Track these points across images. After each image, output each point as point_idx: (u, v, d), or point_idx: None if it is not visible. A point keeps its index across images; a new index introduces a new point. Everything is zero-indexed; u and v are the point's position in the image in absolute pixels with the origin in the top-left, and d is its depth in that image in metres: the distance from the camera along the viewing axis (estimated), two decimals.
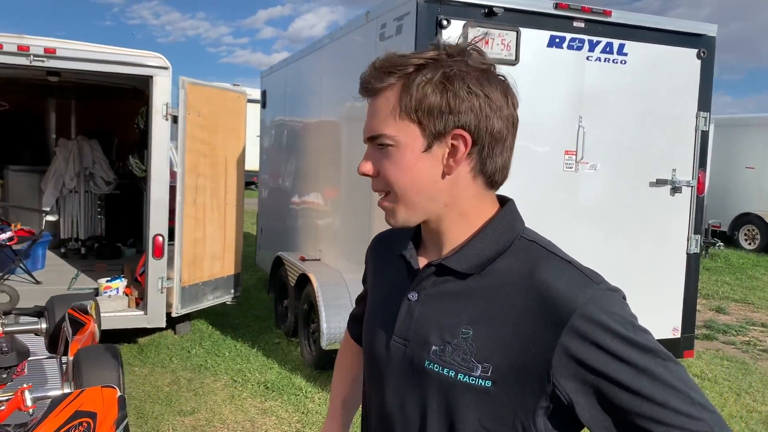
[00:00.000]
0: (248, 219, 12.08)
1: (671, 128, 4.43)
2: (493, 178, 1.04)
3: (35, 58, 4.70)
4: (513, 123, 1.03)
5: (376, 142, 1.03)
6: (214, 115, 5.54)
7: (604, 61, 4.20)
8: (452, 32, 3.79)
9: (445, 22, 3.78)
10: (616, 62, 4.23)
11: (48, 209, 7.41)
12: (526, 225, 1.08)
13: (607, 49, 4.20)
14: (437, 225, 1.06)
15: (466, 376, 0.97)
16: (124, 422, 1.89)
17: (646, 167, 4.40)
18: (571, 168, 4.23)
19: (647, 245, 4.47)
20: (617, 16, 4.19)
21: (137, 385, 4.73)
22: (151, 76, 5.09)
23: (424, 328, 1.03)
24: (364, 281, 1.35)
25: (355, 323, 1.39)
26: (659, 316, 4.56)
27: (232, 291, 6.15)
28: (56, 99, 8.24)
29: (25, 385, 2.11)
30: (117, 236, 8.10)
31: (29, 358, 2.86)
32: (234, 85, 14.24)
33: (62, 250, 7.80)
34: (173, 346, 5.63)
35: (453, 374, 0.98)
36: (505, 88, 1.02)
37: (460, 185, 1.03)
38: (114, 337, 5.60)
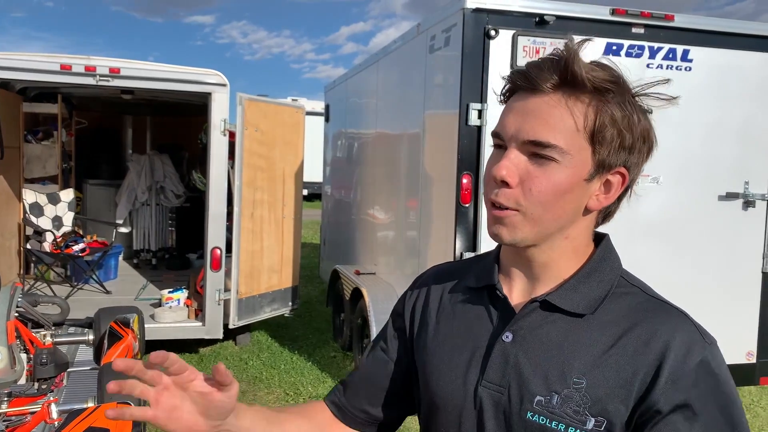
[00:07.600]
0: (315, 230, 12.22)
1: (743, 138, 4.12)
2: (609, 216, 1.00)
3: (101, 78, 4.91)
4: None
5: (535, 150, 0.89)
6: (271, 130, 5.62)
7: (667, 68, 3.96)
8: (500, 43, 3.68)
9: (493, 33, 3.67)
10: (680, 69, 3.98)
11: (121, 222, 7.73)
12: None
13: (670, 56, 3.96)
14: (547, 256, 0.96)
15: (578, 430, 0.88)
16: None
17: (714, 180, 4.11)
18: None
19: (717, 264, 4.17)
20: (681, 21, 3.94)
21: None
22: (210, 93, 5.22)
23: (524, 374, 0.93)
24: (398, 324, 1.16)
25: (349, 389, 1.17)
26: (732, 339, 4.23)
27: (290, 303, 6.20)
28: (132, 116, 8.62)
29: (51, 398, 2.15)
30: (187, 248, 8.34)
31: (74, 369, 2.94)
32: (293, 99, 14.53)
33: (135, 261, 8.12)
34: (232, 357, 5.72)
35: (563, 428, 0.89)
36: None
37: (587, 220, 0.97)
38: (177, 347, 5.76)
